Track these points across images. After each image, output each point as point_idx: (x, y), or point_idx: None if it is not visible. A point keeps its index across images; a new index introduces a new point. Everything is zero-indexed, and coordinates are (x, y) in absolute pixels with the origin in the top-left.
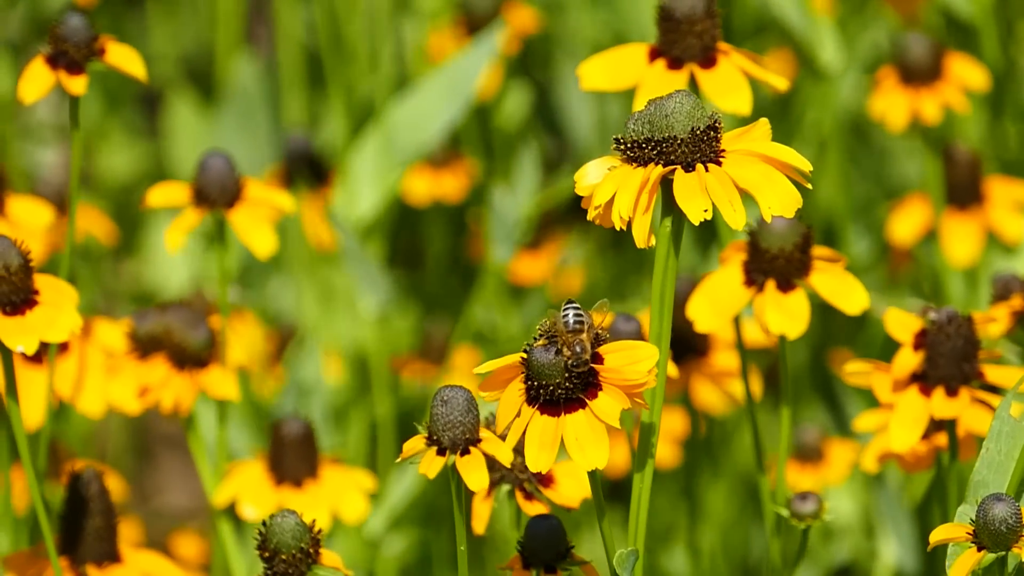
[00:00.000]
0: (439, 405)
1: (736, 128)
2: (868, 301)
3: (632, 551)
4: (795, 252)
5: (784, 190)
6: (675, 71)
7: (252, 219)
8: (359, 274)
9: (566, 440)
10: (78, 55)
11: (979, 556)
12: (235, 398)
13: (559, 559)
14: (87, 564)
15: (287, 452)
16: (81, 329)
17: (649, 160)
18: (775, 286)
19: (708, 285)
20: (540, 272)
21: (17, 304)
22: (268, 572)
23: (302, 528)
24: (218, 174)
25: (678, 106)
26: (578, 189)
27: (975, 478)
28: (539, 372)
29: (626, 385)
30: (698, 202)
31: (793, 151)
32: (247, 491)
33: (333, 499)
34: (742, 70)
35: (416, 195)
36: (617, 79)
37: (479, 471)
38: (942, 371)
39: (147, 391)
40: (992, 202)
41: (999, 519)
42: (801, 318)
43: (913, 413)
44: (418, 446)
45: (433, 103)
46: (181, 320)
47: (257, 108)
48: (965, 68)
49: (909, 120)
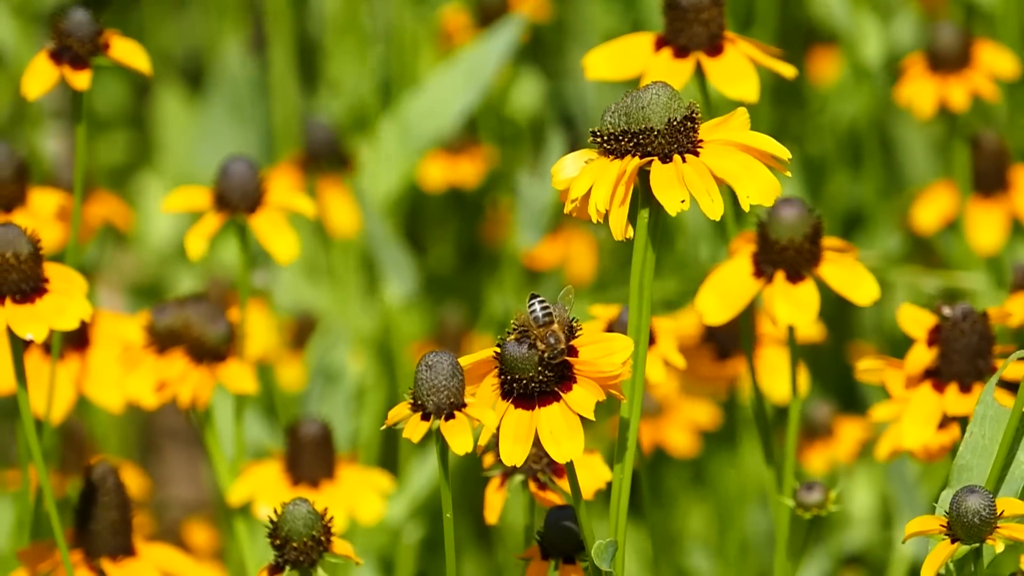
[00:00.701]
0: (424, 370)
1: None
2: (878, 292)
3: (611, 542)
4: (805, 243)
5: (762, 178)
6: (681, 59)
7: (274, 224)
8: (386, 260)
9: (540, 433)
10: (82, 50)
11: (953, 548)
12: (253, 392)
13: (578, 550)
14: (102, 558)
15: (304, 452)
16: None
17: (626, 152)
18: (784, 277)
19: (717, 277)
20: (556, 257)
21: (27, 292)
22: (280, 560)
23: (314, 516)
24: (240, 179)
25: (655, 97)
26: (555, 183)
27: (959, 462)
28: (512, 366)
29: (600, 377)
30: (675, 193)
31: (771, 139)
32: (263, 491)
33: (350, 499)
34: (749, 58)
35: (432, 181)
36: (623, 68)
37: (464, 435)
38: (956, 367)
39: (165, 385)
40: (1018, 189)
41: (972, 511)
42: (810, 309)
43: (926, 410)
44: (403, 412)
45: (449, 92)
46: (200, 314)
47: (246, 97)
48: (994, 56)
49: (936, 107)
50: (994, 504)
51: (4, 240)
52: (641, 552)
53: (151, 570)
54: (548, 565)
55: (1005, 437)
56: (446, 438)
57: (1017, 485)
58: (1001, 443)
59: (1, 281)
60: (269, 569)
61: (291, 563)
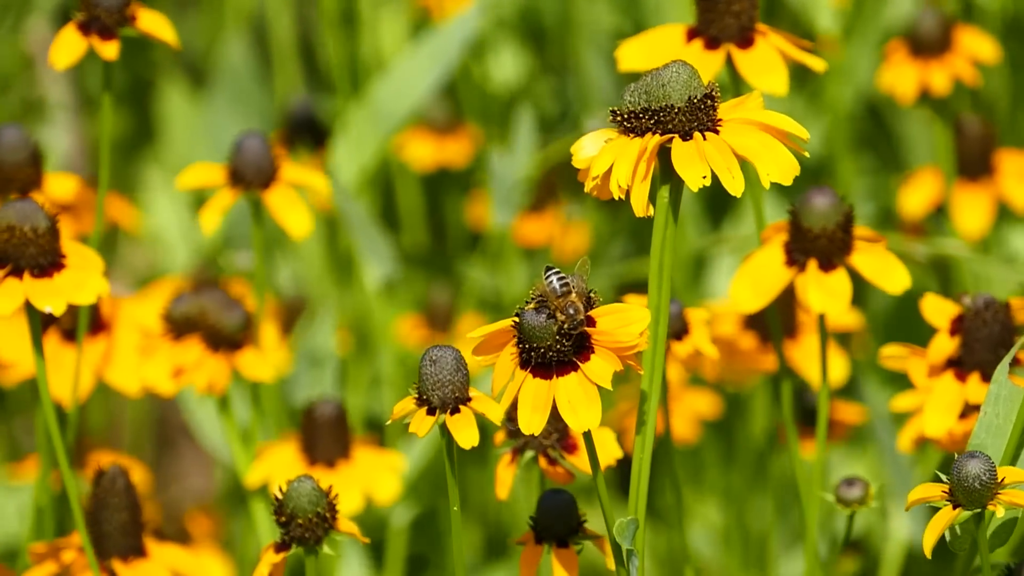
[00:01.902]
0: (428, 364)
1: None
2: (910, 281)
3: (632, 520)
4: (837, 231)
5: (782, 157)
6: (712, 51)
7: (288, 200)
8: (364, 243)
9: (558, 402)
10: (110, 20)
11: (954, 514)
12: (270, 379)
13: (571, 533)
14: (112, 558)
15: (320, 433)
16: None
17: (646, 130)
18: (817, 265)
19: (750, 265)
20: (545, 234)
21: (45, 267)
22: (285, 537)
23: (319, 493)
24: (254, 155)
25: (675, 75)
26: (575, 162)
27: (973, 441)
28: (530, 335)
29: (618, 347)
30: (697, 168)
31: (789, 118)
32: (280, 473)
33: (366, 480)
34: (779, 51)
35: (420, 161)
36: (654, 59)
37: (469, 429)
38: (978, 357)
39: (181, 372)
40: (1003, 173)
41: (973, 475)
42: (843, 297)
43: (948, 398)
44: (408, 407)
45: (416, 73)
46: (216, 302)
47: (249, 90)
48: (974, 40)
49: (918, 92)
50: (994, 469)
51: (22, 214)
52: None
53: (161, 571)
54: (542, 549)
55: (1019, 417)
56: (452, 432)
57: None
58: (1015, 423)
59: (19, 255)
60: (275, 547)
61: (296, 540)
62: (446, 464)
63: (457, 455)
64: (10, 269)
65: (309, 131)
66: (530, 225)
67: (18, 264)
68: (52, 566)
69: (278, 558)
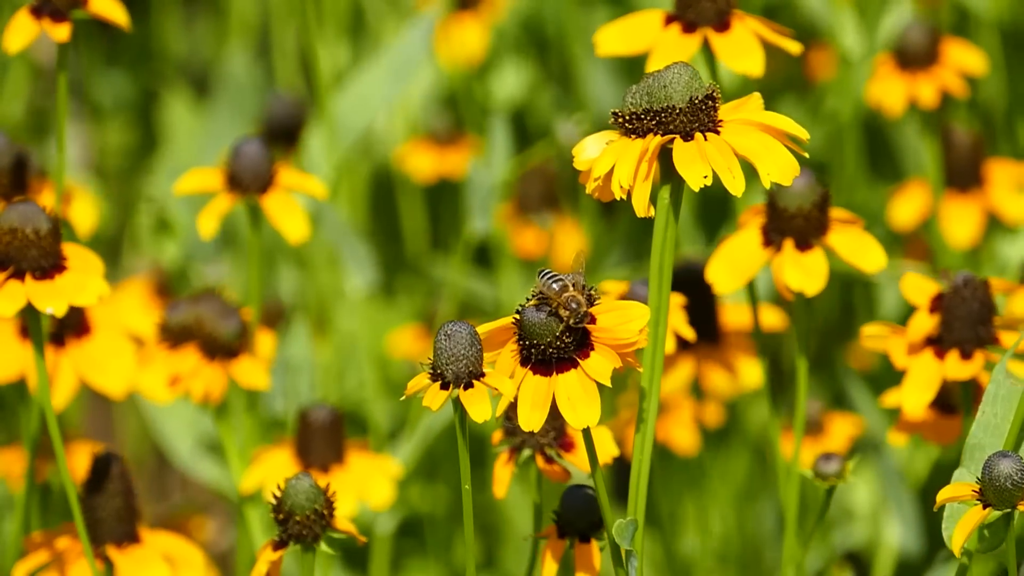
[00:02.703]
0: (443, 339)
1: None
2: (885, 260)
3: (631, 521)
4: (813, 211)
5: (783, 158)
6: (689, 35)
7: (285, 205)
8: (344, 250)
9: (558, 399)
10: (61, 3)
11: (984, 514)
12: (266, 387)
13: (593, 529)
14: (107, 545)
15: (314, 438)
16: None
17: (648, 131)
18: (793, 245)
19: (727, 248)
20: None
21: (46, 268)
22: (283, 535)
23: (316, 490)
24: (252, 160)
25: (676, 77)
26: (576, 163)
27: (971, 441)
28: (530, 332)
29: (617, 344)
30: (698, 168)
31: (790, 120)
32: (275, 477)
33: (360, 484)
34: (756, 34)
35: (421, 172)
36: (632, 43)
37: (483, 403)
38: (957, 334)
39: (177, 380)
40: (993, 184)
41: (1004, 475)
42: (819, 276)
43: (926, 376)
44: (422, 382)
45: (374, 86)
46: (212, 310)
47: (251, 101)
48: (962, 53)
49: (906, 104)
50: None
51: (24, 216)
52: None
53: (156, 557)
54: (564, 543)
55: (1017, 415)
56: (465, 406)
57: None
58: (1013, 421)
59: (21, 257)
60: (273, 544)
61: (294, 537)
62: (458, 438)
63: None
64: (12, 271)
65: (284, 134)
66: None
67: (20, 266)
68: (45, 554)
69: (276, 556)
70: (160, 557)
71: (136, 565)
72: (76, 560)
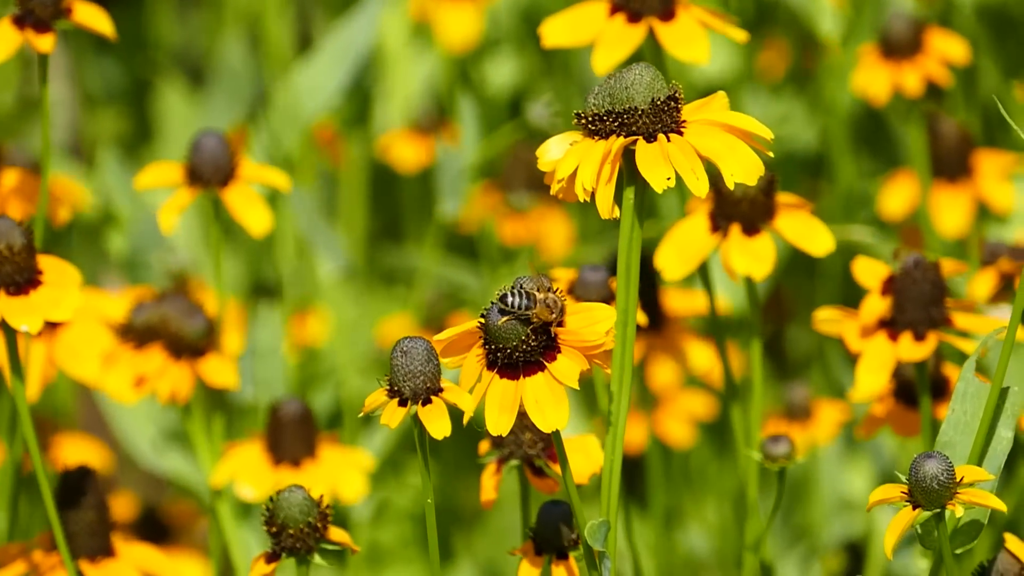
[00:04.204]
0: (399, 356)
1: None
2: (833, 243)
3: (603, 522)
4: (759, 196)
5: (746, 157)
6: (634, 24)
7: (246, 197)
8: (314, 236)
9: (526, 402)
10: (44, 13)
11: (914, 515)
12: (234, 386)
13: (571, 545)
14: (80, 559)
15: (285, 432)
16: None
17: (611, 132)
18: (740, 230)
19: (675, 234)
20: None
21: (21, 284)
22: (276, 547)
23: (310, 503)
24: (211, 153)
25: (638, 78)
26: (540, 165)
27: (942, 439)
28: (496, 335)
29: (584, 346)
30: (661, 170)
31: (753, 119)
32: (245, 471)
33: (331, 479)
34: (701, 22)
35: (405, 163)
36: (578, 34)
37: (441, 420)
38: (909, 316)
39: (143, 381)
40: (981, 173)
41: (931, 475)
42: (767, 260)
43: (880, 358)
44: (380, 399)
45: (326, 71)
46: (177, 309)
47: (246, 91)
48: (945, 42)
49: (891, 93)
50: (952, 468)
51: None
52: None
53: (130, 570)
54: (542, 560)
55: (986, 413)
56: (424, 423)
57: (999, 460)
58: (982, 419)
59: None
60: (266, 557)
61: (287, 550)
62: (419, 456)
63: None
64: None
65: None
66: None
67: None
68: (22, 566)
69: (269, 569)
70: (134, 570)
71: None
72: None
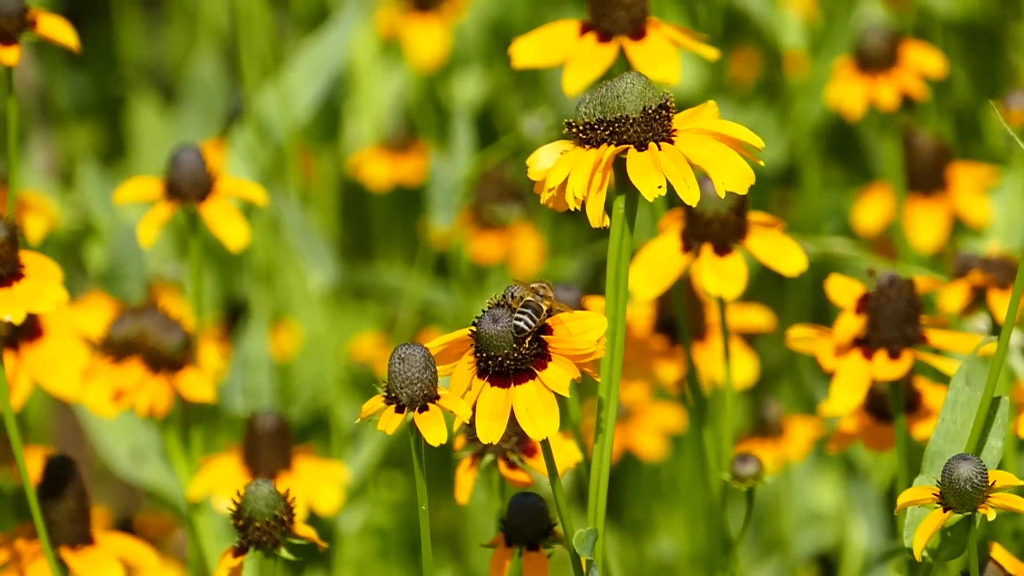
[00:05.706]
0: (396, 362)
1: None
2: (805, 263)
3: (591, 530)
4: (731, 215)
5: (737, 166)
6: (605, 44)
7: (224, 212)
8: (305, 249)
9: (516, 410)
10: (9, 26)
11: (945, 517)
12: (212, 400)
13: (541, 536)
14: (61, 547)
15: (261, 445)
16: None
17: (602, 141)
18: (712, 250)
19: (646, 254)
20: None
21: (4, 276)
22: (243, 541)
23: (276, 496)
24: (189, 168)
25: (629, 87)
26: (531, 174)
27: (931, 448)
28: (487, 343)
29: (575, 355)
30: (652, 179)
31: (744, 128)
32: (222, 484)
33: (307, 491)
34: (671, 41)
35: (377, 180)
36: (548, 55)
37: (438, 427)
38: (884, 334)
39: (122, 394)
40: (957, 186)
41: (964, 478)
42: (738, 280)
43: (855, 376)
44: (377, 405)
45: (299, 84)
46: (155, 323)
47: (219, 106)
48: (921, 55)
49: (866, 106)
50: (986, 472)
51: None
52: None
53: (110, 559)
54: (512, 552)
55: (976, 423)
56: (420, 430)
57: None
58: (972, 429)
59: None
60: (233, 551)
61: (254, 543)
62: (415, 462)
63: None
64: None
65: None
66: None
67: None
68: (3, 554)
69: (236, 562)
70: (114, 558)
71: (90, 567)
72: (33, 561)
